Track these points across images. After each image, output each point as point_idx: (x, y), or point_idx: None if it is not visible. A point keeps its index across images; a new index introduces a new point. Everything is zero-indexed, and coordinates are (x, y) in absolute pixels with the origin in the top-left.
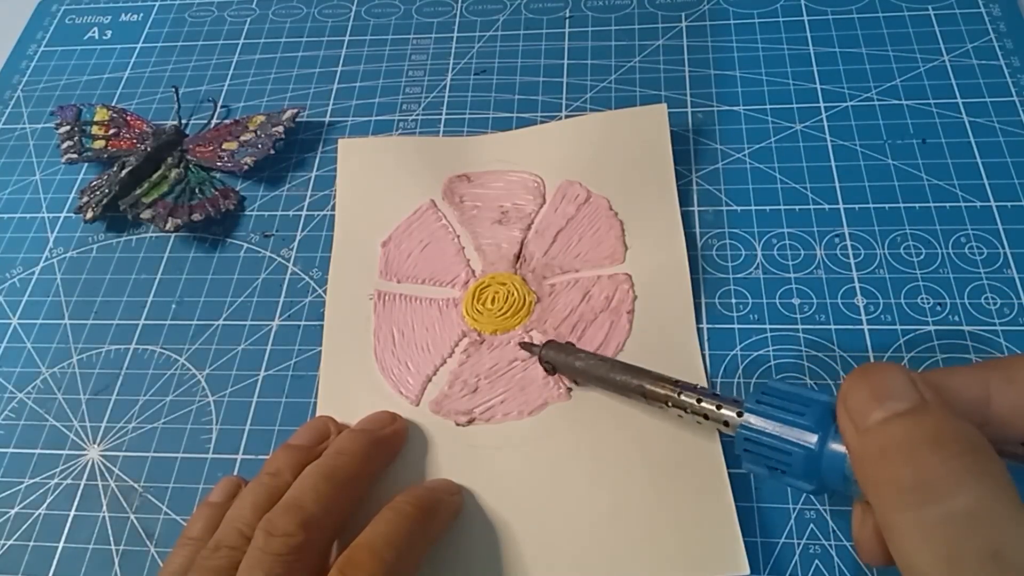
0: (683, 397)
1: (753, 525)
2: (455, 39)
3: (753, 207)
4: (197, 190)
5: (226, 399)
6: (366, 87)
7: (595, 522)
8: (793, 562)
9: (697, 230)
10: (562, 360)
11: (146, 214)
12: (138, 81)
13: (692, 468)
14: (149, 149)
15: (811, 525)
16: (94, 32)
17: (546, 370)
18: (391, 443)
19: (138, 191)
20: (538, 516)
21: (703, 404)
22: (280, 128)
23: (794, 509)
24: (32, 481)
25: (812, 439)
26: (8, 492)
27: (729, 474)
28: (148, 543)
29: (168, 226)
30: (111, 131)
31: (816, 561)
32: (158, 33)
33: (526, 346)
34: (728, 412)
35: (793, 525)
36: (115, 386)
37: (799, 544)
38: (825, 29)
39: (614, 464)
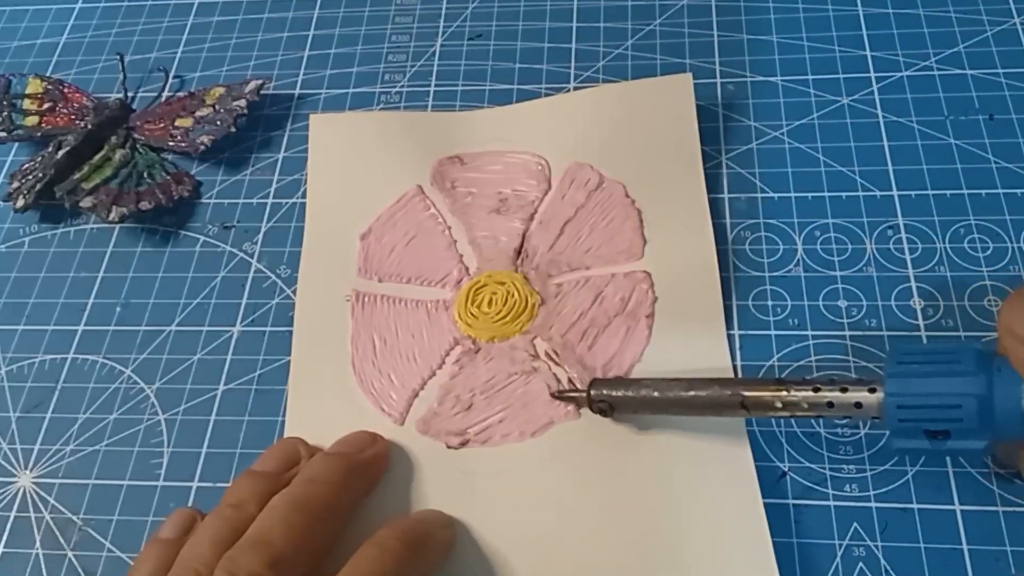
0: (794, 392)
1: (793, 566)
2: None
3: (792, 194)
4: (145, 174)
5: (179, 417)
6: (342, 54)
7: (608, 561)
8: None
9: (727, 221)
10: (621, 395)
11: (86, 202)
12: (77, 47)
13: (722, 497)
14: (90, 127)
15: (860, 564)
16: None
17: (601, 412)
18: (371, 468)
19: (77, 175)
20: (542, 553)
21: (822, 393)
22: (242, 102)
23: (840, 546)
24: None
25: (979, 383)
26: None
27: (764, 504)
28: None
29: (112, 216)
30: (45, 106)
31: None
32: None
33: (564, 396)
34: (857, 391)
35: (839, 565)
36: (50, 402)
37: None
38: None
39: (631, 493)
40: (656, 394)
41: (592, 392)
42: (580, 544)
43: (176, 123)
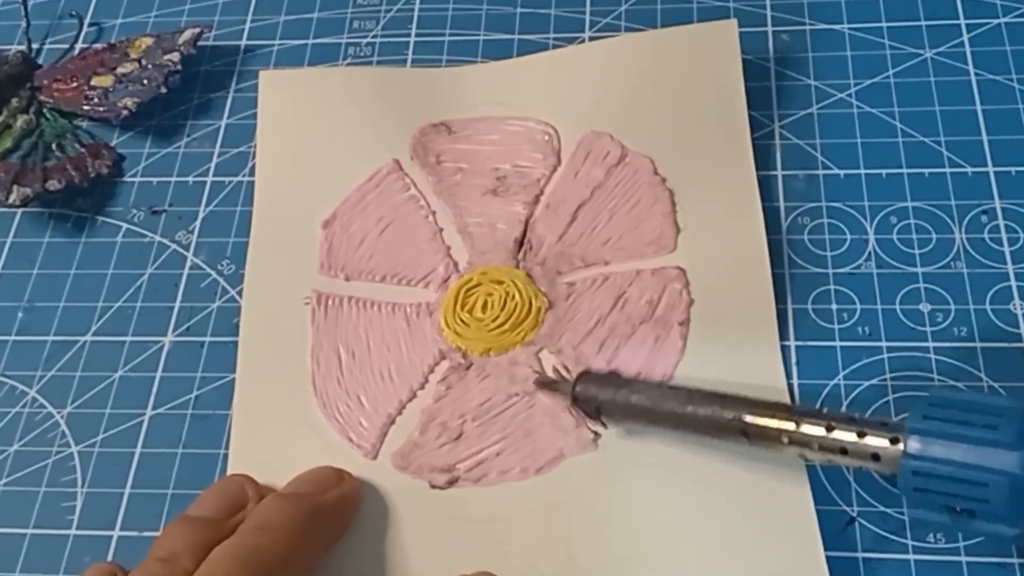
0: (805, 428)
1: None
2: None
3: (863, 171)
4: (54, 146)
5: (96, 450)
6: None
7: None
8: None
9: (781, 204)
10: (610, 397)
11: None
12: None
13: (773, 550)
14: None
15: None
16: None
17: (585, 414)
18: (336, 513)
19: None
20: None
21: (837, 434)
22: (175, 56)
23: None
24: None
25: (1016, 459)
26: None
27: (827, 558)
28: None
29: (12, 198)
30: None
31: None
32: None
33: (546, 383)
34: (877, 439)
35: None
36: None
37: None
38: None
39: (662, 543)
40: (648, 404)
41: (578, 387)
42: None
43: (92, 82)
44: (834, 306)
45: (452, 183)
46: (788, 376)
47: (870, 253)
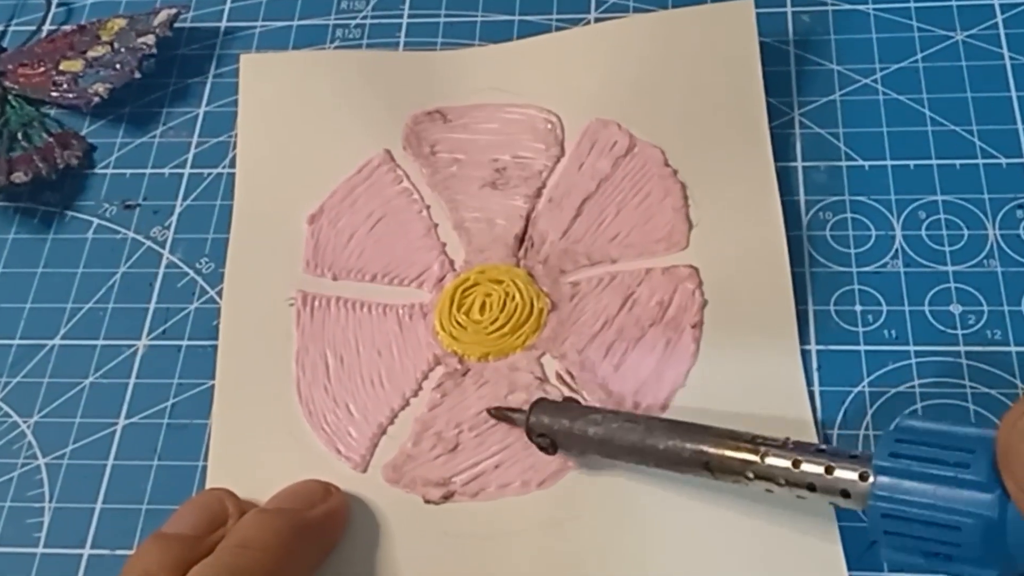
0: (770, 461)
1: None
2: None
3: (889, 162)
4: (20, 135)
5: (66, 462)
6: None
7: None
8: None
9: (801, 198)
10: (565, 428)
11: None
12: None
13: (795, 568)
14: None
15: None
16: None
17: (541, 448)
18: (324, 530)
19: None
20: None
21: (804, 468)
22: (150, 38)
23: None
24: None
25: (988, 501)
26: None
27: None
28: None
29: None
30: None
31: None
32: None
33: (500, 414)
34: (846, 473)
35: None
36: None
37: None
38: None
39: (676, 563)
40: (603, 434)
41: (532, 418)
42: None
43: (61, 67)
44: (858, 307)
45: (447, 175)
46: (809, 383)
47: (897, 250)
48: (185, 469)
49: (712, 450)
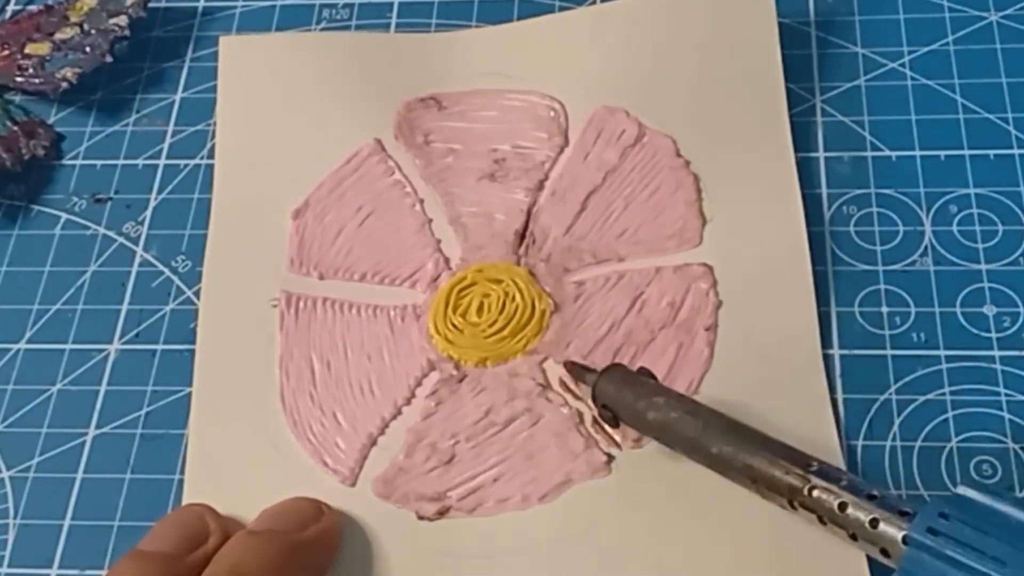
0: (817, 495)
1: None
2: None
3: (918, 152)
4: None
5: (31, 475)
6: None
7: None
8: None
9: (823, 191)
10: (626, 404)
11: None
12: None
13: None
14: None
15: None
16: None
17: (605, 421)
18: (317, 553)
19: None
20: None
21: (849, 512)
22: (122, 19)
23: None
24: None
25: None
26: None
27: None
28: None
29: None
30: None
31: None
32: None
33: (573, 368)
34: (890, 530)
35: None
36: None
37: None
38: None
39: None
40: (661, 421)
41: (599, 384)
42: None
43: (27, 50)
44: (884, 309)
45: (443, 166)
46: (832, 390)
47: (926, 247)
48: (160, 483)
49: (762, 468)
